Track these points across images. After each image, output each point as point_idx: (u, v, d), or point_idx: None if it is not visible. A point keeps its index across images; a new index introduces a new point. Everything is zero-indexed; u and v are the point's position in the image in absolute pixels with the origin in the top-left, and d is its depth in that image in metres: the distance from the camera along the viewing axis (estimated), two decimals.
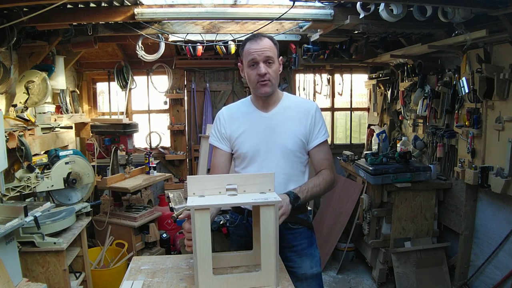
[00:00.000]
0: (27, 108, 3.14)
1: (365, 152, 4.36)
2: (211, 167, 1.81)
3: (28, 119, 2.95)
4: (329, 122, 5.22)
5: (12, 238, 2.09)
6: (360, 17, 2.83)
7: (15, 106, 3.05)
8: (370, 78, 4.85)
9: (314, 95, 5.06)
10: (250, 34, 1.72)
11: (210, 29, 3.52)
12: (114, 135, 3.82)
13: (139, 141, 4.95)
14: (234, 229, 1.85)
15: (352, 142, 5.25)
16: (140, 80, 4.82)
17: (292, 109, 1.74)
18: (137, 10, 2.94)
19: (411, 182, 3.40)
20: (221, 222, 2.59)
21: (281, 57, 1.72)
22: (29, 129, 2.92)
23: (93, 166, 3.23)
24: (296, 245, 1.74)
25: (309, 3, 2.92)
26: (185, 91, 4.83)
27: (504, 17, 2.36)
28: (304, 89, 5.01)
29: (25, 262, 2.32)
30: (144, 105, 4.98)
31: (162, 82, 4.83)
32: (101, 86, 5.03)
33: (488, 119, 2.91)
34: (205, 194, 1.34)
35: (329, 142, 5.15)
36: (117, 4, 2.92)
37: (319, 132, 1.74)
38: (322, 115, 1.80)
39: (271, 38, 1.67)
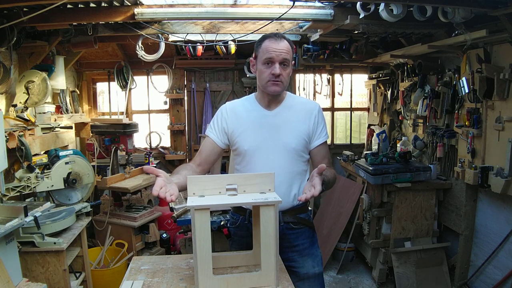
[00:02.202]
0: (27, 108, 3.14)
1: (365, 152, 4.36)
2: (198, 152, 1.80)
3: (28, 119, 2.95)
4: (329, 122, 5.22)
5: (12, 238, 2.09)
6: (360, 17, 2.83)
7: (15, 106, 3.05)
8: (370, 78, 4.85)
9: (314, 95, 5.06)
10: (270, 32, 1.71)
11: (210, 29, 3.52)
12: (114, 135, 3.82)
13: (139, 141, 4.95)
14: (236, 230, 1.84)
15: (352, 142, 5.25)
16: (140, 80, 4.82)
17: (296, 109, 1.75)
18: (137, 10, 2.94)
19: (411, 182, 3.40)
20: (221, 223, 2.58)
21: (293, 61, 1.73)
22: (29, 129, 2.92)
23: (93, 166, 3.23)
24: (298, 245, 1.74)
25: (309, 3, 2.92)
26: (185, 91, 4.83)
27: (504, 17, 2.36)
28: (304, 89, 5.01)
29: (25, 262, 2.32)
30: (144, 105, 4.98)
31: (162, 82, 4.83)
32: (101, 86, 5.03)
33: (488, 119, 2.91)
34: (205, 194, 1.34)
35: (329, 142, 5.18)
36: (117, 4, 2.92)
37: (321, 132, 1.76)
38: (323, 115, 1.81)
39: (289, 42, 1.67)
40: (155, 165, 4.06)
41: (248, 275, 1.36)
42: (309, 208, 1.87)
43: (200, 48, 4.01)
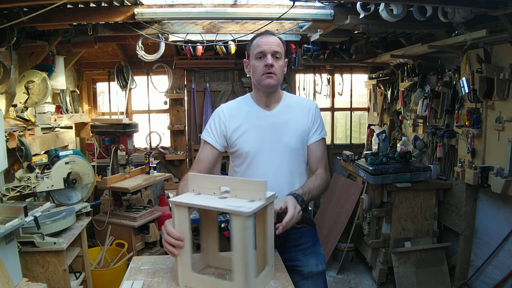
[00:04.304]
0: (27, 108, 3.14)
1: (365, 152, 4.36)
2: (196, 160, 1.75)
3: (28, 119, 2.95)
4: (329, 122, 5.22)
5: (12, 238, 2.08)
6: (360, 17, 2.83)
7: (15, 106, 3.05)
8: (370, 78, 4.85)
9: (314, 95, 5.06)
10: (260, 32, 1.74)
11: (210, 29, 3.52)
12: (114, 135, 3.82)
13: (139, 141, 4.95)
14: None
15: (352, 142, 5.24)
16: (140, 80, 4.82)
17: (294, 108, 1.74)
18: (137, 10, 2.94)
19: (411, 182, 3.40)
20: (222, 225, 2.58)
21: (286, 59, 1.74)
22: (29, 129, 2.91)
23: (93, 166, 3.23)
24: (301, 244, 1.74)
25: (309, 3, 2.92)
26: (185, 91, 4.83)
27: (504, 17, 2.36)
28: (304, 89, 5.01)
29: (25, 262, 2.32)
30: (144, 105, 4.98)
31: (162, 82, 4.83)
32: (101, 86, 5.03)
33: (488, 119, 2.91)
34: (202, 192, 1.35)
35: (329, 142, 5.17)
36: (117, 4, 2.92)
37: (317, 129, 1.74)
38: (321, 114, 1.80)
39: (280, 38, 1.70)
40: (154, 165, 4.05)
41: (221, 282, 1.33)
42: (309, 208, 1.87)
43: (200, 48, 4.01)
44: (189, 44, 3.96)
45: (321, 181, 1.68)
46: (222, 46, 4.00)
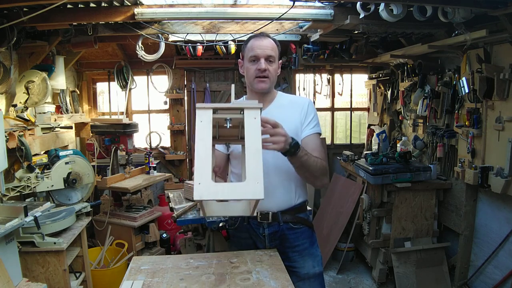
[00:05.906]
0: (27, 108, 3.14)
1: (365, 152, 4.36)
2: None
3: (28, 119, 2.95)
4: (329, 122, 5.22)
5: (12, 238, 2.09)
6: (360, 17, 2.83)
7: (15, 106, 3.05)
8: (370, 78, 4.85)
9: (314, 95, 5.06)
10: (254, 33, 1.74)
11: (210, 29, 3.52)
12: (114, 135, 3.82)
13: (139, 141, 4.95)
14: (235, 231, 1.84)
15: (352, 142, 5.24)
16: (140, 80, 4.82)
17: (286, 107, 1.74)
18: (137, 10, 2.94)
19: (411, 182, 3.40)
20: (220, 225, 2.60)
21: (281, 60, 1.75)
22: (29, 129, 2.92)
23: (93, 166, 3.23)
24: (298, 245, 1.74)
25: (309, 3, 2.92)
26: (185, 91, 4.83)
27: (504, 17, 2.36)
28: (304, 89, 5.01)
29: (25, 262, 2.32)
30: (144, 105, 4.98)
31: (162, 82, 4.83)
32: (101, 86, 5.03)
33: (488, 119, 2.91)
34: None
35: (329, 142, 5.17)
36: (117, 4, 2.92)
37: (309, 124, 1.71)
38: (316, 110, 1.78)
39: (274, 40, 1.71)
40: (154, 165, 4.06)
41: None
42: (309, 208, 1.86)
43: (200, 48, 4.01)
44: (189, 44, 3.96)
45: (319, 160, 1.61)
46: (222, 46, 4.01)
